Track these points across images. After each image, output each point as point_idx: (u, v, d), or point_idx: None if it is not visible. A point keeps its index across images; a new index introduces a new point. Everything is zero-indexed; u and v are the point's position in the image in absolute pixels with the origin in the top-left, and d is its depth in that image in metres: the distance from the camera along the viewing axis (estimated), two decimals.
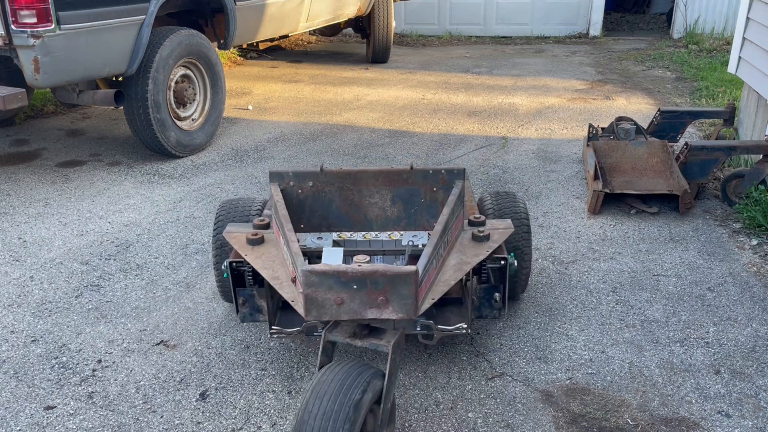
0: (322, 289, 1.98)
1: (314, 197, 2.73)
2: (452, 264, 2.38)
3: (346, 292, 1.98)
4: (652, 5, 12.34)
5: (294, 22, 6.43)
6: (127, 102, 4.63)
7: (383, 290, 1.97)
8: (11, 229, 3.90)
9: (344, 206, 2.75)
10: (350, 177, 2.70)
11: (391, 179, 2.69)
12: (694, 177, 4.09)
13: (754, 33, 4.68)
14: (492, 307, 2.54)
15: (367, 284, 1.97)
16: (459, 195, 2.55)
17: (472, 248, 2.49)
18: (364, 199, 2.73)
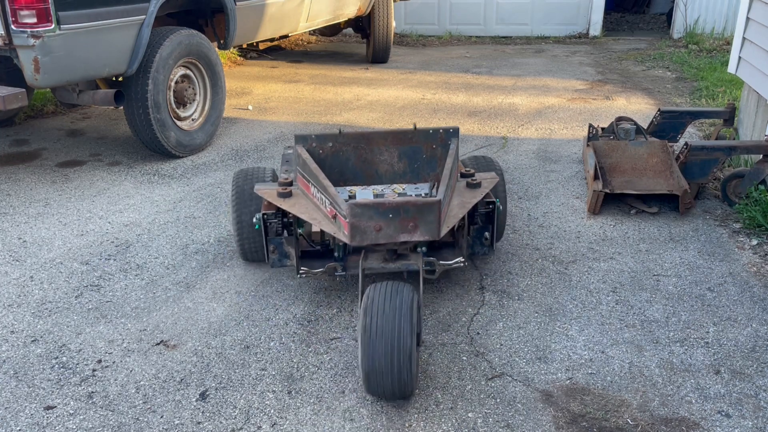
0: (364, 218, 2.42)
1: (333, 156, 3.17)
2: (456, 204, 2.83)
3: (383, 221, 2.43)
4: (652, 5, 12.34)
5: (294, 22, 6.43)
6: (127, 102, 4.63)
7: (413, 217, 2.44)
8: (11, 229, 3.90)
9: (358, 163, 3.20)
10: (364, 138, 3.16)
11: (398, 139, 3.16)
12: (694, 177, 4.09)
13: (754, 33, 4.68)
14: (483, 245, 3.02)
15: (400, 213, 2.43)
16: (456, 149, 3.04)
17: (468, 193, 2.94)
18: (375, 157, 3.19)
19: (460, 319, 2.97)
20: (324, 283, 3.27)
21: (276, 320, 2.98)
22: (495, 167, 3.42)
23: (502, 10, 10.20)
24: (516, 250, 3.60)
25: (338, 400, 2.49)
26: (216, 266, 3.46)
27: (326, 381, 2.59)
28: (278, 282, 3.30)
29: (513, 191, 4.38)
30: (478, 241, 3.01)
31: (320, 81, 7.54)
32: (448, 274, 3.35)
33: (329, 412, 2.43)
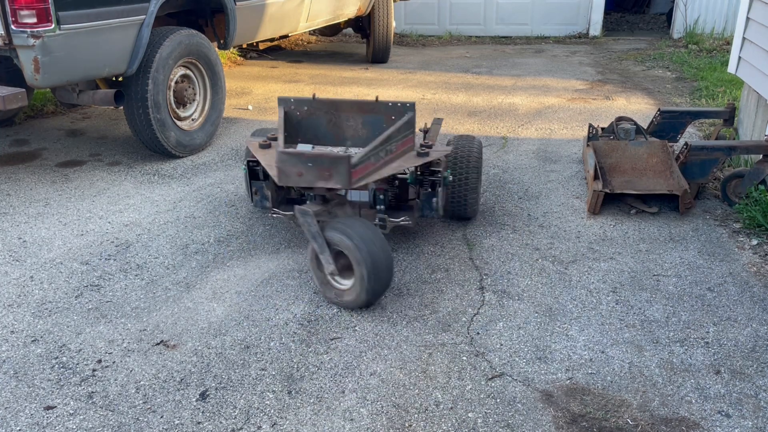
0: (289, 164, 2.93)
1: (308, 119, 3.59)
2: (394, 166, 3.23)
3: (303, 168, 2.93)
4: (652, 5, 12.34)
5: (294, 22, 6.43)
6: (127, 102, 4.63)
7: (328, 168, 2.91)
8: (11, 229, 3.90)
9: (329, 126, 3.59)
10: (333, 105, 3.54)
11: (362, 108, 3.52)
12: (694, 177, 4.09)
13: (754, 33, 4.68)
14: (431, 209, 3.46)
15: (317, 163, 2.91)
16: (407, 121, 3.33)
17: (413, 159, 3.32)
18: (342, 122, 3.56)
19: (460, 319, 2.98)
20: None
21: (276, 320, 2.98)
22: (473, 143, 3.77)
23: (502, 10, 10.20)
24: (516, 250, 3.60)
25: (338, 400, 2.49)
26: (216, 266, 3.46)
27: (326, 381, 2.59)
28: (278, 282, 3.30)
29: (513, 191, 4.38)
30: (427, 205, 3.46)
31: (320, 81, 7.54)
32: (448, 273, 3.35)
33: (329, 412, 2.43)
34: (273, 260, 3.51)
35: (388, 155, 3.22)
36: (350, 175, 2.92)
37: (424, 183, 3.44)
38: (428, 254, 3.56)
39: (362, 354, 2.75)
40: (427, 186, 3.44)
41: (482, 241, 3.70)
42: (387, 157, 3.21)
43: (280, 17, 6.09)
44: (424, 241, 3.70)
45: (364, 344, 2.81)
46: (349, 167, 2.90)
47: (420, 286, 3.25)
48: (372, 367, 2.67)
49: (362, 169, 3.02)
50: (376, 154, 3.12)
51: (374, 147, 3.10)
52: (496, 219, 3.98)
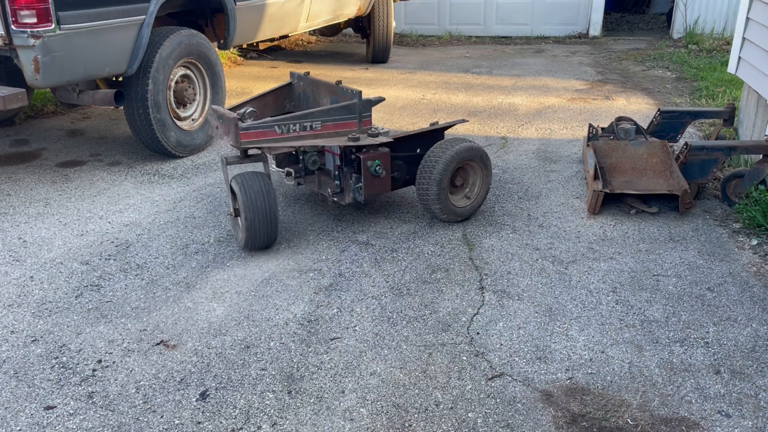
0: (212, 118, 3.67)
1: (303, 92, 4.31)
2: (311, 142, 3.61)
3: (218, 123, 3.58)
4: (652, 5, 12.34)
5: (294, 22, 6.42)
6: (127, 102, 4.63)
7: (227, 126, 3.49)
8: (11, 229, 3.90)
9: (313, 101, 4.23)
10: (314, 83, 4.21)
11: (329, 89, 4.07)
12: (694, 177, 4.09)
13: (754, 33, 4.68)
14: (359, 193, 3.70)
15: (223, 120, 3.51)
16: (344, 106, 3.74)
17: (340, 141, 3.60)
18: (321, 99, 4.15)
19: (460, 319, 2.98)
20: (324, 283, 3.27)
21: (276, 320, 2.99)
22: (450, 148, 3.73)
23: (502, 10, 10.20)
24: (516, 250, 3.60)
25: (338, 400, 2.49)
26: (216, 266, 3.46)
27: (326, 381, 2.59)
28: (278, 282, 3.30)
29: (513, 191, 4.38)
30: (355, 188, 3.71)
31: None
32: (448, 273, 3.35)
33: (329, 412, 2.43)
34: (273, 260, 3.52)
35: (307, 131, 3.63)
36: (238, 135, 3.41)
37: (351, 167, 3.69)
38: (428, 254, 3.56)
39: (362, 354, 2.75)
40: (355, 170, 3.68)
41: (482, 241, 3.70)
42: (304, 132, 3.63)
43: (280, 17, 6.09)
44: (424, 241, 3.70)
45: (364, 344, 2.81)
46: (236, 129, 3.41)
47: (420, 286, 3.26)
48: (372, 367, 2.67)
49: (255, 134, 3.48)
50: (282, 125, 3.54)
51: (277, 119, 3.56)
52: (496, 219, 3.98)
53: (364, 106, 3.79)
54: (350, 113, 3.72)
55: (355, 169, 3.68)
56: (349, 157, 3.67)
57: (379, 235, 3.79)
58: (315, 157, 3.78)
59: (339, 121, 3.70)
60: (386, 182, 3.74)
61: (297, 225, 3.91)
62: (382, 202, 4.21)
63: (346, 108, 3.72)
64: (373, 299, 3.14)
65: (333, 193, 3.76)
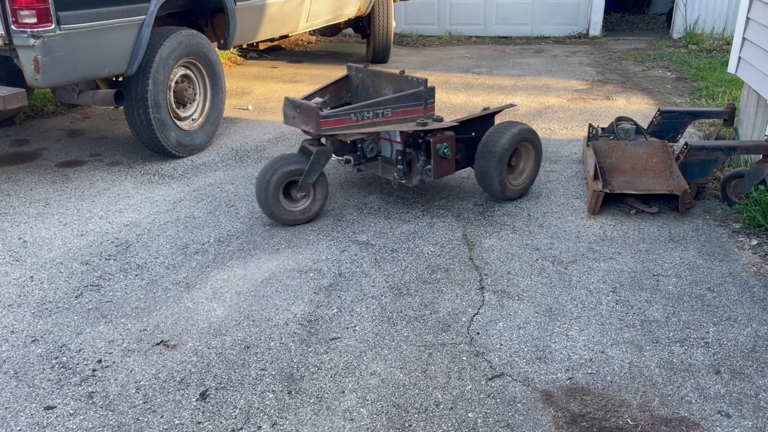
0: (287, 109, 3.78)
1: (362, 83, 4.45)
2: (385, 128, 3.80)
3: (295, 113, 3.73)
4: (652, 5, 12.35)
5: (294, 22, 6.43)
6: (127, 102, 4.63)
7: (307, 116, 3.66)
8: (11, 229, 3.90)
9: (372, 90, 4.39)
10: (375, 74, 4.36)
11: (391, 79, 4.23)
12: (694, 177, 4.09)
13: (754, 33, 4.68)
14: (428, 175, 3.92)
15: (301, 110, 3.69)
16: (411, 93, 3.91)
17: (408, 126, 3.78)
18: (381, 89, 4.32)
19: (460, 319, 2.98)
20: (324, 283, 3.28)
21: (276, 320, 2.99)
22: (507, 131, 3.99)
23: (502, 10, 10.20)
24: (516, 250, 3.60)
25: (338, 400, 2.49)
26: (216, 266, 3.46)
27: (326, 381, 2.59)
28: (278, 282, 3.30)
29: None
30: (424, 171, 3.93)
31: (320, 81, 7.54)
32: (448, 273, 3.35)
33: (329, 412, 2.43)
34: (273, 260, 3.52)
35: (379, 118, 3.81)
36: (318, 123, 3.60)
37: (420, 151, 3.92)
38: (428, 254, 3.56)
39: (362, 354, 2.75)
40: (423, 154, 3.91)
41: (482, 241, 3.70)
42: (376, 119, 3.81)
43: (280, 17, 6.09)
44: (424, 241, 3.70)
45: (364, 344, 2.81)
46: (317, 117, 3.60)
47: (420, 286, 3.26)
48: (372, 367, 2.67)
49: (336, 122, 3.67)
50: (359, 113, 3.73)
51: (353, 108, 3.73)
52: (496, 219, 3.98)
53: (429, 93, 3.98)
54: (417, 100, 3.92)
55: (423, 152, 3.91)
56: (417, 141, 3.89)
57: (379, 235, 3.79)
58: (372, 144, 4.01)
59: (407, 108, 3.91)
60: (452, 164, 4.00)
61: (297, 225, 3.91)
62: (383, 202, 4.21)
63: (413, 95, 3.92)
64: (373, 299, 3.14)
65: (399, 177, 3.95)
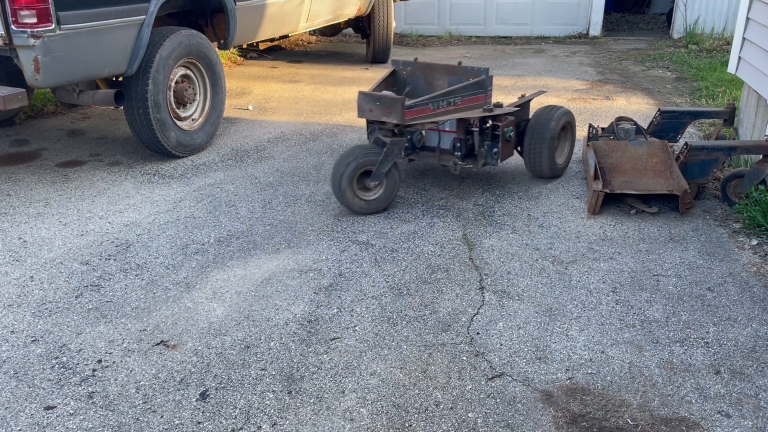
0: (364, 103, 3.91)
1: (411, 77, 4.56)
2: (456, 115, 3.99)
3: (373, 106, 3.87)
4: (652, 5, 12.34)
5: (294, 22, 6.43)
6: (127, 102, 4.63)
7: (389, 107, 3.81)
8: (11, 229, 3.90)
9: (424, 83, 4.51)
10: (428, 67, 4.50)
11: (448, 70, 4.40)
12: (694, 177, 4.09)
13: (754, 33, 4.68)
14: (493, 158, 4.16)
15: (382, 102, 3.84)
16: (476, 82, 4.13)
17: (477, 113, 4.03)
18: (434, 81, 4.46)
19: (460, 319, 2.98)
20: (324, 283, 3.28)
21: (276, 320, 2.99)
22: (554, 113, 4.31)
23: (502, 10, 10.20)
24: (516, 250, 3.60)
25: (338, 400, 2.49)
26: (216, 266, 3.46)
27: (326, 381, 2.59)
28: (278, 282, 3.30)
29: (513, 191, 4.38)
30: (489, 155, 4.16)
31: (320, 81, 7.54)
32: (448, 273, 3.35)
33: (329, 412, 2.43)
34: (273, 260, 3.52)
35: (450, 106, 4.01)
36: (403, 114, 3.77)
37: (486, 136, 4.13)
38: (428, 254, 3.56)
39: (362, 354, 2.75)
40: (489, 138, 4.12)
41: (482, 241, 3.70)
42: (448, 107, 4.00)
43: (280, 17, 6.09)
44: (424, 241, 3.70)
45: (364, 344, 2.81)
46: (402, 107, 3.75)
47: (420, 286, 3.26)
48: (372, 367, 2.67)
49: (417, 111, 3.85)
50: (435, 102, 3.91)
51: (434, 96, 3.92)
52: (496, 219, 3.98)
53: (490, 82, 4.22)
54: (480, 88, 4.16)
55: (488, 137, 4.12)
56: (482, 127, 4.10)
57: (379, 235, 3.79)
58: (420, 135, 4.19)
59: (473, 96, 4.14)
60: (513, 146, 4.31)
61: (297, 225, 3.92)
62: None
63: (477, 84, 4.14)
64: (373, 299, 3.14)
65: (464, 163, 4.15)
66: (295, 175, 4.69)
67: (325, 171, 4.76)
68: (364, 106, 3.90)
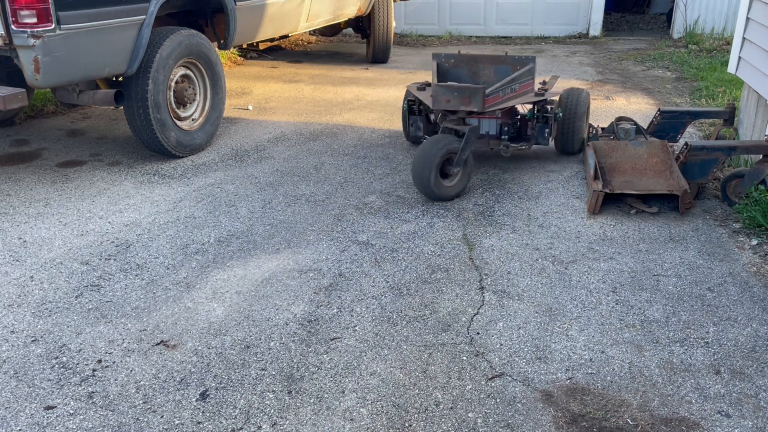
0: (441, 94, 4.16)
1: (455, 69, 4.85)
2: (517, 101, 4.43)
3: (451, 96, 4.14)
4: (652, 5, 12.34)
5: (294, 22, 6.43)
6: (127, 102, 4.63)
7: (468, 96, 4.10)
8: (11, 229, 3.90)
9: (469, 74, 4.83)
10: (474, 58, 4.82)
11: (495, 60, 4.75)
12: (694, 177, 4.09)
13: (754, 33, 4.68)
14: (544, 138, 4.62)
15: (460, 92, 4.11)
16: (528, 69, 4.53)
17: (532, 98, 4.52)
18: (480, 71, 4.80)
19: (460, 319, 2.98)
20: (324, 283, 3.27)
21: (276, 320, 2.99)
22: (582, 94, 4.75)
23: (502, 10, 10.20)
24: (516, 250, 3.60)
25: (338, 400, 2.49)
26: (216, 266, 3.46)
27: (326, 381, 2.59)
28: (278, 282, 3.30)
29: (513, 191, 4.38)
30: (541, 135, 4.61)
31: (320, 81, 7.55)
32: (448, 273, 3.35)
33: (329, 412, 2.43)
34: (273, 260, 3.52)
35: (513, 92, 4.42)
36: (484, 101, 4.07)
37: (539, 118, 4.57)
38: (428, 254, 3.56)
39: (362, 354, 2.75)
40: (542, 120, 4.57)
41: (482, 241, 3.70)
42: (511, 93, 4.41)
43: (280, 17, 6.09)
44: (424, 241, 3.70)
45: (364, 344, 2.81)
46: (483, 95, 4.07)
47: (420, 286, 3.26)
48: (372, 367, 2.67)
49: (492, 98, 4.21)
50: (503, 89, 4.31)
51: (503, 84, 4.29)
52: (496, 219, 3.98)
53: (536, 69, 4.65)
54: (530, 75, 4.58)
55: (540, 119, 4.58)
56: (534, 110, 4.58)
57: (379, 235, 3.79)
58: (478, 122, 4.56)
59: (526, 82, 4.54)
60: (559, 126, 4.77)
61: (297, 225, 3.92)
62: (384, 202, 4.21)
63: (529, 71, 4.55)
64: (373, 299, 3.14)
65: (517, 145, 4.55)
66: (295, 175, 4.69)
67: (325, 171, 4.76)
68: (440, 98, 4.15)
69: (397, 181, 4.56)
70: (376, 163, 4.91)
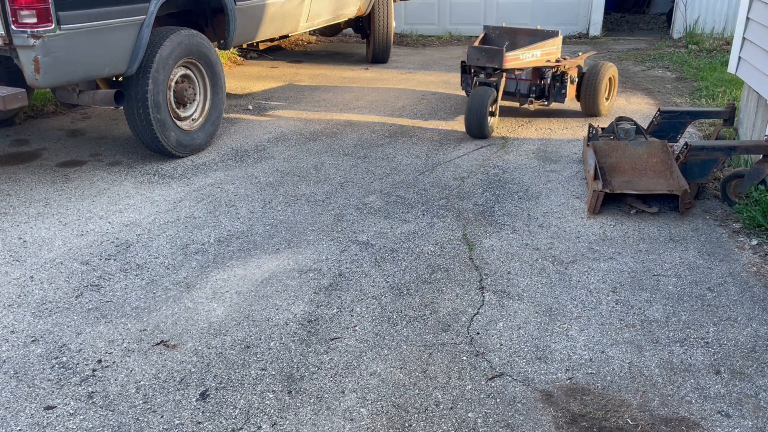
0: (473, 54, 5.39)
1: (498, 38, 5.93)
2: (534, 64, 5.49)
3: (480, 55, 5.34)
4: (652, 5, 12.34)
5: (294, 22, 6.42)
6: (127, 102, 4.63)
7: (493, 56, 5.26)
8: (11, 229, 3.90)
9: (509, 43, 5.75)
10: (513, 30, 5.96)
11: (529, 33, 5.83)
12: (694, 177, 4.09)
13: (754, 33, 4.68)
14: (561, 96, 5.72)
15: (488, 53, 5.29)
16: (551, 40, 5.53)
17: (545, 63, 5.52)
18: (517, 41, 5.79)
19: (460, 319, 2.98)
20: (324, 283, 3.28)
21: (276, 320, 2.99)
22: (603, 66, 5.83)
23: (502, 10, 10.20)
24: (516, 250, 3.60)
25: (338, 400, 2.49)
26: (216, 266, 3.46)
27: (326, 381, 2.59)
28: (278, 282, 3.30)
29: (513, 191, 4.38)
30: (558, 94, 5.72)
31: (320, 81, 7.55)
32: (448, 273, 3.35)
33: (329, 412, 2.43)
34: (273, 260, 3.52)
35: (534, 58, 5.47)
36: (503, 60, 5.22)
37: (558, 80, 5.68)
38: (428, 254, 3.56)
39: (362, 354, 2.75)
40: (559, 82, 5.67)
41: (482, 241, 3.70)
42: (533, 59, 5.47)
43: (280, 17, 6.09)
44: (424, 241, 3.70)
45: (364, 344, 2.81)
46: (503, 55, 5.21)
47: (420, 286, 3.26)
48: (372, 367, 2.67)
49: (512, 59, 5.30)
50: (524, 54, 5.37)
51: (522, 50, 5.35)
52: (496, 219, 3.98)
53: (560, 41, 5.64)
54: (554, 46, 5.61)
55: (559, 82, 5.66)
56: (555, 74, 5.65)
57: (379, 235, 3.79)
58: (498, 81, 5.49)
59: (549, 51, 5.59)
60: (575, 90, 5.88)
61: (297, 225, 3.92)
62: (384, 202, 4.22)
63: (553, 42, 5.58)
64: (373, 299, 3.14)
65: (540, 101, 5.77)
66: (295, 175, 4.69)
67: (325, 171, 4.76)
68: (473, 56, 5.37)
69: (397, 181, 4.56)
70: (376, 163, 4.91)
